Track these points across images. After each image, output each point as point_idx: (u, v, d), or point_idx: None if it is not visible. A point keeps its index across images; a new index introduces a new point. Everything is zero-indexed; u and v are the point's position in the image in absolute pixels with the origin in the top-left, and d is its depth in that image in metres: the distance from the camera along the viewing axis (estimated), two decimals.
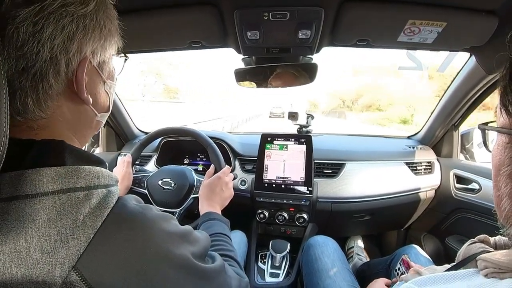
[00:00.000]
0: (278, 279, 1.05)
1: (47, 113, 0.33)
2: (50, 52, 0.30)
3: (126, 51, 1.00)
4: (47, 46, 0.30)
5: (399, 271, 0.80)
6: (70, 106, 0.35)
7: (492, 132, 0.37)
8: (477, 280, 0.33)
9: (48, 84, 0.31)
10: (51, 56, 0.30)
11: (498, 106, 0.33)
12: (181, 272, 0.35)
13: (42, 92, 0.31)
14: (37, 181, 0.29)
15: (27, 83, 0.30)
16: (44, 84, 0.31)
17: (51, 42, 0.30)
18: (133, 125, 1.51)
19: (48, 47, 0.30)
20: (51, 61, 0.31)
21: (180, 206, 0.94)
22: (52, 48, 0.30)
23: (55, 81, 0.32)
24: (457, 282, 0.34)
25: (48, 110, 0.33)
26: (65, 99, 0.34)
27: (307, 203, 1.12)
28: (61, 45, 0.31)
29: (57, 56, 0.31)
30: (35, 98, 0.31)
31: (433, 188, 1.27)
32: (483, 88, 1.03)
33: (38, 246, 0.27)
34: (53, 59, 0.31)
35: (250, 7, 0.71)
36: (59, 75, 0.32)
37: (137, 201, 0.37)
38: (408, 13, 0.70)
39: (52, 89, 0.32)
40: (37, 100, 0.31)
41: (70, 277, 0.28)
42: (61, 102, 0.34)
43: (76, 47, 0.32)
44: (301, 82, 1.03)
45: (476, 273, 0.34)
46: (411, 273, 0.61)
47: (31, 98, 0.31)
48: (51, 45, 0.30)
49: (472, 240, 0.48)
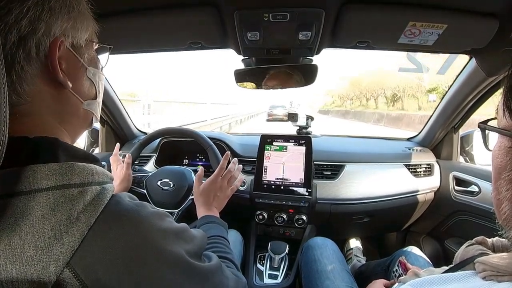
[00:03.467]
0: (277, 281, 1.04)
1: (26, 98, 0.33)
2: (18, 33, 0.30)
3: (126, 51, 1.00)
4: (14, 28, 0.30)
5: (396, 273, 0.80)
6: (51, 92, 0.35)
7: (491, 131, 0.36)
8: (474, 283, 0.33)
9: (20, 66, 0.31)
10: (19, 38, 0.30)
11: (501, 107, 0.32)
12: (175, 270, 0.35)
13: (15, 75, 0.31)
14: (31, 177, 0.29)
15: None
16: (16, 67, 0.31)
17: (18, 23, 0.30)
18: (132, 125, 1.50)
19: (16, 29, 0.30)
20: (20, 43, 0.31)
21: (179, 207, 0.94)
22: (19, 29, 0.30)
23: (27, 63, 0.32)
24: (454, 284, 0.34)
25: (26, 95, 0.33)
26: (44, 84, 0.34)
27: (306, 204, 1.12)
28: (27, 26, 0.31)
29: (26, 38, 0.31)
30: (9, 82, 0.31)
31: (432, 190, 1.27)
32: (483, 91, 1.03)
33: (32, 243, 0.27)
34: (22, 40, 0.31)
35: (250, 8, 0.71)
36: (30, 57, 0.32)
37: (132, 198, 0.37)
38: (408, 15, 0.70)
39: (25, 71, 0.32)
40: (11, 83, 0.31)
41: (63, 273, 0.28)
42: (40, 87, 0.34)
43: (43, 27, 0.32)
44: (301, 83, 1.02)
45: (474, 275, 0.34)
46: (409, 275, 0.61)
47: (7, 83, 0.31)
48: (17, 27, 0.30)
49: (470, 242, 0.48)
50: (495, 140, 0.35)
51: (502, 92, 0.32)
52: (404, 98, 22.83)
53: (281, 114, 17.48)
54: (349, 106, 37.06)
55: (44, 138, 0.32)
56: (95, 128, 1.42)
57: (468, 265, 0.42)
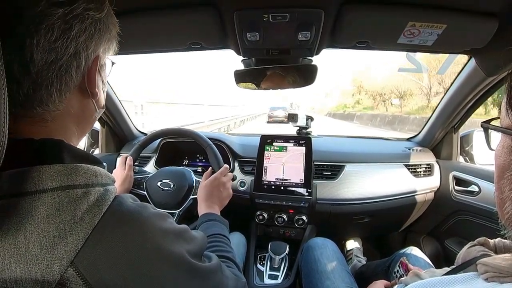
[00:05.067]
0: (277, 281, 1.04)
1: (63, 104, 0.36)
2: (75, 48, 0.34)
3: (126, 52, 1.00)
4: (74, 42, 0.33)
5: (398, 274, 0.80)
6: (79, 99, 0.38)
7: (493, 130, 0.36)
8: (477, 284, 0.32)
9: (70, 77, 0.35)
10: (75, 52, 0.34)
11: (504, 106, 0.32)
12: (177, 270, 0.36)
13: (64, 84, 0.34)
14: (37, 178, 0.30)
15: (53, 74, 0.33)
16: (67, 76, 0.34)
17: (77, 39, 0.33)
18: (132, 126, 1.51)
19: (74, 43, 0.33)
20: (75, 56, 0.34)
21: (180, 207, 0.93)
22: (77, 44, 0.34)
23: (75, 74, 0.35)
24: (457, 286, 0.34)
25: (65, 102, 0.36)
26: (78, 93, 0.38)
27: (306, 205, 1.12)
28: (83, 43, 0.34)
29: (80, 52, 0.34)
30: (59, 89, 0.34)
31: (432, 190, 1.27)
32: (483, 91, 1.03)
33: (37, 242, 0.28)
34: (77, 54, 0.34)
35: (250, 9, 0.71)
36: (79, 69, 0.35)
37: (134, 199, 0.38)
38: (408, 15, 0.70)
39: (72, 81, 0.35)
40: (59, 91, 0.34)
41: (67, 273, 0.28)
42: (75, 95, 0.37)
43: (93, 45, 0.36)
44: (301, 83, 1.03)
45: (476, 277, 0.34)
46: (410, 276, 0.61)
47: (56, 88, 0.34)
48: (76, 42, 0.33)
49: (472, 243, 0.48)
50: (498, 139, 0.34)
51: (504, 91, 0.32)
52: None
53: (282, 116, 17.61)
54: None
55: (50, 140, 0.34)
56: (95, 129, 1.42)
57: (470, 266, 0.42)
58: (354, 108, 31.37)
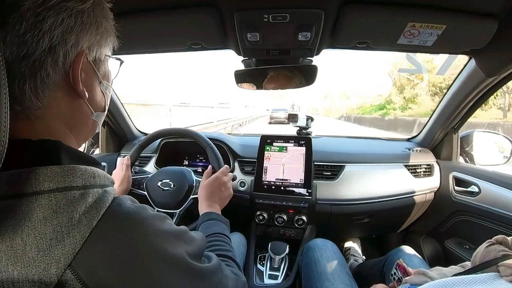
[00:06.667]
0: (277, 281, 1.04)
1: (44, 103, 0.34)
2: (50, 42, 0.31)
3: (126, 52, 1.01)
4: (47, 36, 0.31)
5: (395, 276, 0.80)
6: (67, 100, 0.36)
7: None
8: (501, 285, 0.32)
9: (46, 73, 0.32)
10: (50, 46, 0.32)
11: None
12: (177, 271, 0.35)
13: (40, 80, 0.32)
14: (34, 179, 0.29)
15: (27, 70, 0.31)
16: (42, 73, 0.32)
17: (51, 32, 0.31)
18: (132, 126, 1.51)
19: (48, 37, 0.31)
20: (50, 50, 0.32)
21: (180, 207, 0.94)
22: (51, 38, 0.31)
23: (52, 71, 0.33)
24: (478, 286, 0.33)
25: (45, 100, 0.34)
26: (62, 92, 0.35)
27: (306, 205, 1.12)
28: (60, 36, 0.32)
29: (56, 47, 0.32)
30: (33, 86, 0.32)
31: (432, 191, 1.27)
32: (482, 91, 1.03)
33: (34, 244, 0.27)
34: (52, 49, 0.32)
35: (250, 9, 0.71)
36: (57, 65, 0.33)
37: (132, 201, 0.37)
38: (408, 15, 0.70)
39: (50, 78, 0.33)
40: (34, 88, 0.32)
41: (65, 275, 0.28)
42: (58, 93, 0.35)
43: (73, 39, 0.34)
44: (301, 84, 1.03)
45: (498, 278, 0.33)
46: (415, 275, 0.60)
47: (29, 85, 0.32)
48: (50, 35, 0.31)
49: (490, 242, 0.46)
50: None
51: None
52: None
53: (283, 117, 17.79)
54: None
55: (47, 140, 0.33)
56: None
57: (491, 267, 0.41)
58: (389, 110, 22.72)
